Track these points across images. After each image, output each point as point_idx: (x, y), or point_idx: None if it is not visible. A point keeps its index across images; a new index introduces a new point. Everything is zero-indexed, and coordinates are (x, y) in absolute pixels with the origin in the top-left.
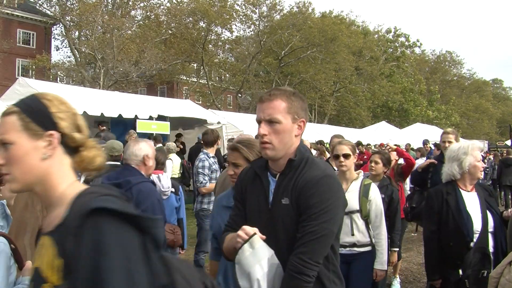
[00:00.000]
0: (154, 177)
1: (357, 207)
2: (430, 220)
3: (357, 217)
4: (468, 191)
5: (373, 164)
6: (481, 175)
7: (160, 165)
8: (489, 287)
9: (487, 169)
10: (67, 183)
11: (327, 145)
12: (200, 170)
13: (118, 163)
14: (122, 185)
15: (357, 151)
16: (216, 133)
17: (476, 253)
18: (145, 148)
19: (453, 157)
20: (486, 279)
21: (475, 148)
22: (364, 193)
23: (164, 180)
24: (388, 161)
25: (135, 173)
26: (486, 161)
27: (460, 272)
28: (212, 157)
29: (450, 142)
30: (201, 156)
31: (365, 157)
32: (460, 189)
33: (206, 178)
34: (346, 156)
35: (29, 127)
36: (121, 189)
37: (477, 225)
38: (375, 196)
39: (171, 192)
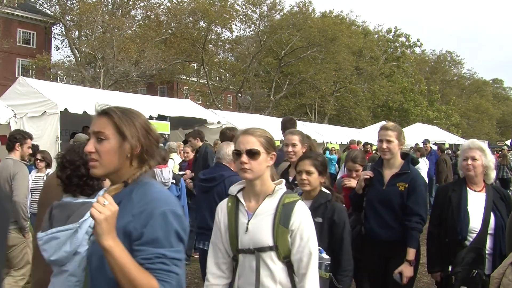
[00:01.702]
0: (157, 170)
1: (270, 242)
2: (433, 214)
3: (270, 259)
4: (477, 191)
5: (304, 176)
6: (468, 173)
7: (162, 161)
8: (490, 287)
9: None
10: None
11: (329, 145)
12: None
13: None
14: (216, 178)
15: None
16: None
17: (471, 252)
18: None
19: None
20: (476, 279)
21: (464, 148)
22: (282, 218)
23: (166, 173)
24: (324, 167)
25: (226, 169)
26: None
27: (450, 268)
28: None
29: (389, 141)
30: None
31: None
32: (468, 188)
33: None
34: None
35: None
36: (215, 181)
37: (475, 225)
38: (302, 222)
39: (172, 183)
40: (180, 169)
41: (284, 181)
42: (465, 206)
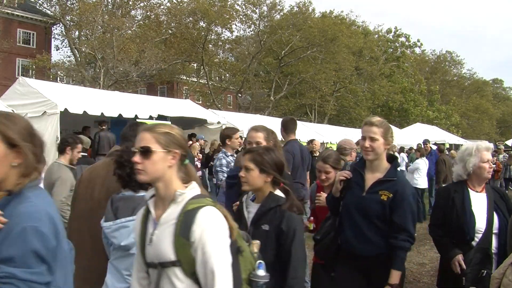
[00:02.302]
0: None
1: (172, 256)
2: (434, 215)
3: (174, 275)
4: (478, 192)
5: (241, 173)
6: (489, 175)
7: None
8: (491, 287)
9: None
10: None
11: (329, 145)
12: (218, 168)
13: (85, 154)
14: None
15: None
16: (227, 131)
17: (478, 252)
18: None
19: (460, 158)
20: (485, 278)
21: (481, 149)
22: (183, 228)
23: None
24: (272, 165)
25: None
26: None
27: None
28: (231, 155)
29: (373, 139)
30: (219, 155)
31: None
32: (469, 189)
33: (225, 174)
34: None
35: None
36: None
37: (480, 225)
38: (203, 233)
39: None
40: None
41: (194, 183)
42: (469, 207)
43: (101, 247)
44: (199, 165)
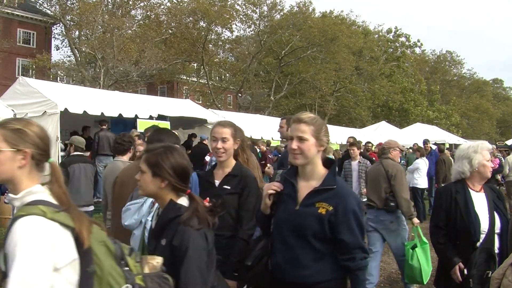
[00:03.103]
0: None
1: (2, 267)
2: (437, 217)
3: None
4: (477, 191)
5: (137, 176)
6: (489, 174)
7: None
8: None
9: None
10: None
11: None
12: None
13: (81, 153)
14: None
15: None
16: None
17: (482, 253)
18: None
19: (463, 155)
20: (490, 279)
21: (484, 148)
22: (5, 239)
23: None
24: (173, 169)
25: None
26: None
27: (465, 271)
28: None
29: (302, 139)
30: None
31: (373, 158)
32: (469, 189)
33: None
34: None
35: None
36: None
37: (484, 226)
38: (16, 247)
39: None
40: None
41: (37, 186)
42: (473, 207)
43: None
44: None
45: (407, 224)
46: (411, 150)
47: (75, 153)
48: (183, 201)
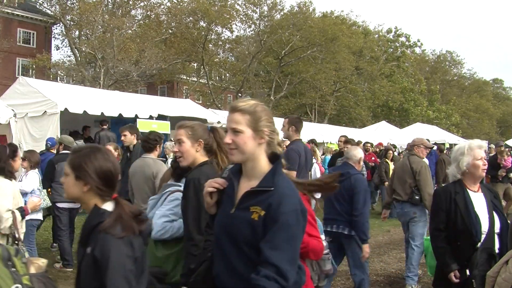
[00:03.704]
0: None
1: None
2: (437, 218)
3: None
4: (475, 192)
5: (62, 180)
6: (483, 173)
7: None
8: (486, 286)
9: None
10: None
11: (329, 145)
12: None
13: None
14: (344, 174)
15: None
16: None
17: (483, 253)
18: (361, 153)
19: (453, 158)
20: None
21: (473, 147)
22: None
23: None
24: (95, 173)
25: (352, 168)
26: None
27: (467, 272)
28: None
29: (236, 131)
30: None
31: (373, 158)
32: (467, 189)
33: None
34: None
35: None
36: (343, 177)
37: (484, 226)
38: None
39: None
40: None
41: None
42: (472, 208)
43: None
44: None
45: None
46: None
47: (64, 151)
48: (109, 206)
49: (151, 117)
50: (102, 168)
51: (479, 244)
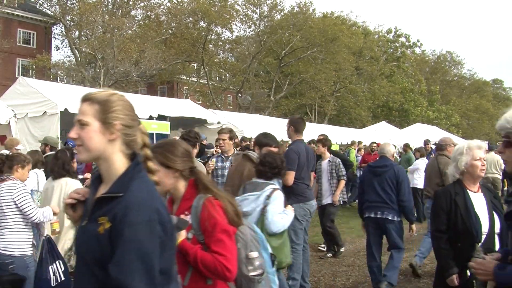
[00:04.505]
0: None
1: None
2: (438, 220)
3: None
4: (475, 192)
5: None
6: (482, 173)
7: None
8: (488, 287)
9: None
10: None
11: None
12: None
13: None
14: (388, 165)
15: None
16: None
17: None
18: (393, 148)
19: (453, 158)
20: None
21: (472, 147)
22: None
23: None
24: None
25: (390, 161)
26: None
27: (468, 273)
28: (215, 155)
29: (82, 123)
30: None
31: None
32: (467, 190)
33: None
34: None
35: None
36: (387, 168)
37: (485, 226)
38: None
39: None
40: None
41: None
42: (472, 208)
43: None
44: None
45: None
46: (404, 152)
47: (51, 152)
48: None
49: (151, 118)
50: None
51: (479, 244)
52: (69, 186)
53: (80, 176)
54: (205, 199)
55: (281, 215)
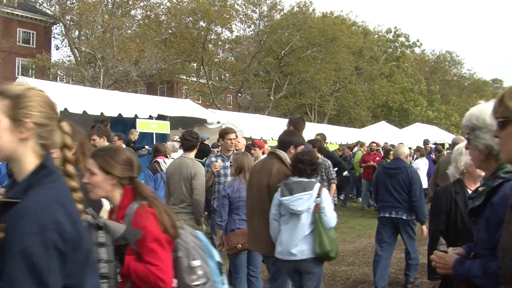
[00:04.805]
0: (160, 160)
1: None
2: (438, 219)
3: None
4: None
5: None
6: (481, 173)
7: (162, 153)
8: None
9: None
10: None
11: (328, 145)
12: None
13: None
14: (401, 167)
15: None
16: (221, 132)
17: None
18: (407, 150)
19: (453, 158)
20: None
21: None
22: None
23: (168, 163)
24: None
25: (404, 162)
26: None
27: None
28: (219, 155)
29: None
30: (211, 155)
31: (377, 158)
32: (468, 189)
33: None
34: None
35: None
36: (400, 170)
37: None
38: None
39: None
40: None
41: None
42: None
43: (264, 217)
44: None
45: None
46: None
47: None
48: None
49: (150, 117)
50: None
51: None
52: None
53: None
54: (137, 207)
55: (333, 209)
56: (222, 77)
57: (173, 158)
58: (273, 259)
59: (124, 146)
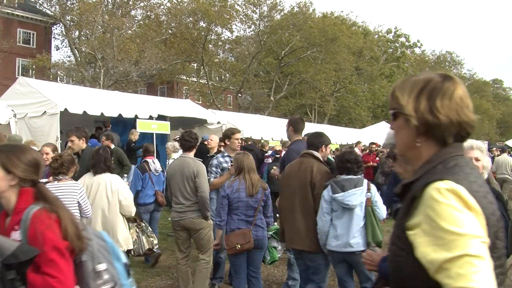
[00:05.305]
0: (149, 160)
1: None
2: None
3: None
4: None
5: None
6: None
7: (151, 153)
8: None
9: None
10: None
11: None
12: (208, 168)
13: None
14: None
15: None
16: (227, 132)
17: None
18: None
19: None
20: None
21: (467, 148)
22: None
23: (156, 163)
24: None
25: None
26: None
27: None
28: (227, 156)
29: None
30: (218, 155)
31: (377, 158)
32: None
33: (213, 175)
34: None
35: None
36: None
37: None
38: None
39: (161, 171)
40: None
41: None
42: None
43: (305, 214)
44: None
45: None
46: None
47: None
48: None
49: (151, 117)
50: None
51: None
52: (113, 182)
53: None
54: (36, 211)
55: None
56: (222, 77)
57: (173, 159)
58: (311, 254)
59: (113, 146)
